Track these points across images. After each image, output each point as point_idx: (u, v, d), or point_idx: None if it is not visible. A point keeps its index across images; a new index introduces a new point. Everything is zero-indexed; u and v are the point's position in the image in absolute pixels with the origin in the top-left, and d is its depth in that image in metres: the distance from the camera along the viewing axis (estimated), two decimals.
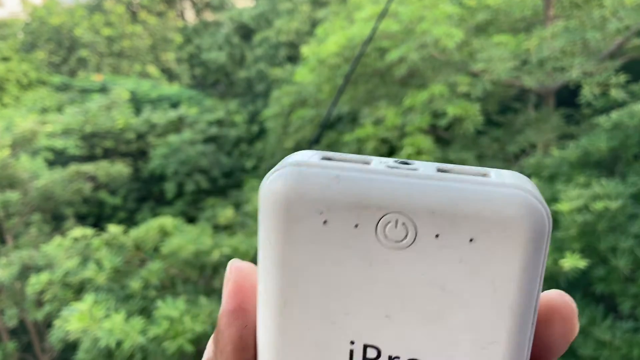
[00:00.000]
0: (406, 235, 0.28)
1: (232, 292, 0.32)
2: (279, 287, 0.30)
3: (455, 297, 0.28)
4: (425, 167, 0.30)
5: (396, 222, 0.28)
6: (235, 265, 0.33)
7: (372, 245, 0.29)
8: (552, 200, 6.21)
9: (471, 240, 0.27)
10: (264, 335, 0.31)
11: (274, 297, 0.30)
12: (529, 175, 6.80)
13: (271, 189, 0.29)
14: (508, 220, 0.27)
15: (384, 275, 0.29)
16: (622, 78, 6.68)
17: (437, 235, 0.28)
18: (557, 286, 6.17)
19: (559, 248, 5.87)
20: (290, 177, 0.29)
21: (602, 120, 6.37)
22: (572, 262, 5.40)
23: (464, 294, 0.28)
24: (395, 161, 0.31)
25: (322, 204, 0.28)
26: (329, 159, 0.31)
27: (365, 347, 0.30)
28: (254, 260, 0.32)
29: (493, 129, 8.12)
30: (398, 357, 0.29)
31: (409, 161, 0.30)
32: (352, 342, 0.30)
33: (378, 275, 0.29)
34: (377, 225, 0.28)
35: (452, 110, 6.76)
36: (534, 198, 0.27)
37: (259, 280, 0.32)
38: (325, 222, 0.29)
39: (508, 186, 0.28)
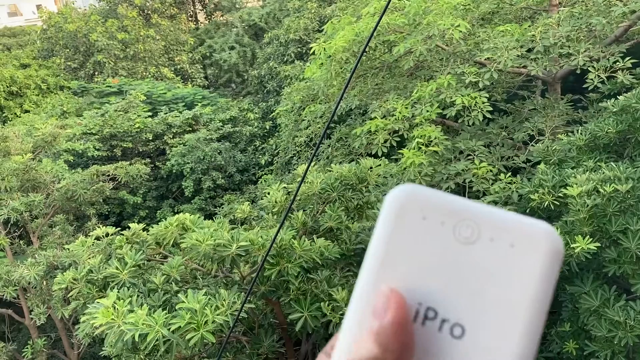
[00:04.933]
0: (472, 235, 0.44)
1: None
2: (382, 254, 0.45)
3: (494, 280, 0.42)
4: None
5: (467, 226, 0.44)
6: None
7: (448, 237, 0.44)
8: (561, 185, 6.28)
9: (512, 245, 0.42)
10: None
11: (376, 260, 0.45)
12: (538, 162, 6.87)
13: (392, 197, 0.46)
14: (536, 235, 0.42)
15: (450, 259, 0.44)
16: (629, 62, 6.71)
17: (491, 239, 0.43)
18: (569, 269, 6.24)
19: (569, 232, 5.94)
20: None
21: (610, 104, 6.40)
22: (583, 245, 5.48)
23: (501, 280, 0.42)
24: None
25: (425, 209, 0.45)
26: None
27: (427, 308, 0.43)
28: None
29: (501, 117, 8.19)
30: (447, 320, 0.43)
31: None
32: (420, 303, 0.44)
33: (447, 258, 0.44)
34: (454, 225, 0.44)
35: (460, 100, 6.84)
36: (554, 230, 0.43)
37: (367, 252, 0.46)
38: (424, 218, 0.45)
39: (538, 220, 0.44)
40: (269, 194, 7.28)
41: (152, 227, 7.18)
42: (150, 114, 19.26)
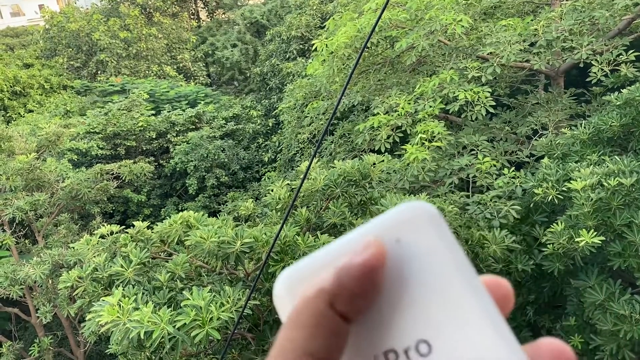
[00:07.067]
0: None
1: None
2: None
3: (410, 279, 0.39)
4: None
5: None
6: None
7: None
8: (564, 179, 6.27)
9: (397, 240, 0.40)
10: None
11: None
12: (541, 156, 6.87)
13: None
14: (406, 215, 0.40)
15: None
16: (632, 55, 6.69)
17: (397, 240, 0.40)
18: (574, 263, 6.23)
19: (573, 226, 5.93)
20: None
21: (613, 97, 6.39)
22: (587, 239, 5.47)
23: (415, 273, 0.39)
24: None
25: None
26: None
27: (385, 353, 0.39)
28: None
29: (504, 111, 8.19)
30: (408, 347, 0.39)
31: None
32: (375, 356, 0.39)
33: None
34: None
35: (463, 95, 6.83)
36: (416, 202, 0.41)
37: None
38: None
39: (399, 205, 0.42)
40: (272, 190, 7.29)
41: (157, 225, 7.20)
42: (153, 112, 19.33)
